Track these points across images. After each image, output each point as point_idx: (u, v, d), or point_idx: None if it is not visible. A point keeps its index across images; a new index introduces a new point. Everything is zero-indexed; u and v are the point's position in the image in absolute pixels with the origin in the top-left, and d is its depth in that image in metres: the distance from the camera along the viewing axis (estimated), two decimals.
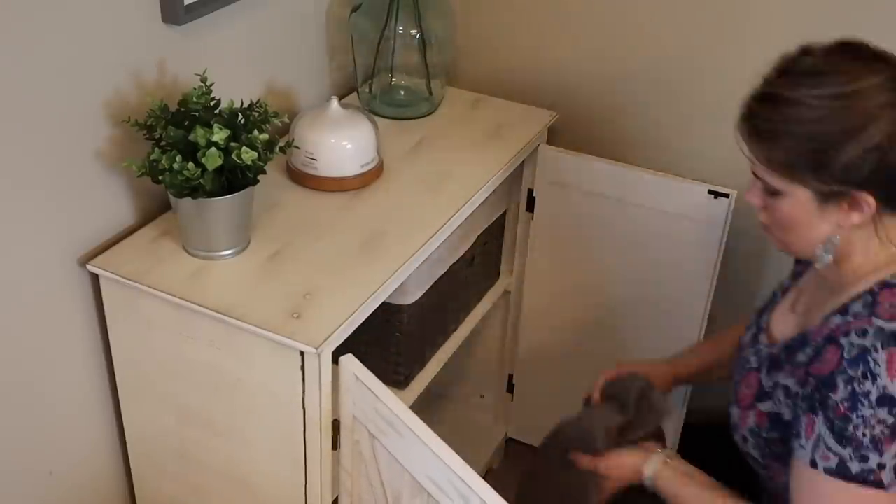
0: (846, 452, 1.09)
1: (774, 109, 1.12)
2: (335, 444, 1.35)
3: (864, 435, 1.07)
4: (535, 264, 1.92)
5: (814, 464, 1.11)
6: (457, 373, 2.16)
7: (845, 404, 1.08)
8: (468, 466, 1.09)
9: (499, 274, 1.98)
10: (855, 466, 1.08)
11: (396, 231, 1.47)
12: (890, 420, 1.06)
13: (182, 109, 1.33)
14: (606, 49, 1.85)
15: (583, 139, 1.90)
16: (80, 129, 1.33)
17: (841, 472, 1.09)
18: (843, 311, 1.16)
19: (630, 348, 1.90)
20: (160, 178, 1.29)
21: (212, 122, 1.29)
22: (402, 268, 1.40)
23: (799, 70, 1.12)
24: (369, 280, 1.36)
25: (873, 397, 1.07)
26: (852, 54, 1.11)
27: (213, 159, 1.27)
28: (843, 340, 1.11)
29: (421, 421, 1.16)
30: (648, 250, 1.79)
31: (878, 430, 1.07)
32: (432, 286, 1.64)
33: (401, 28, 1.75)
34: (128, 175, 1.41)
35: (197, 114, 1.32)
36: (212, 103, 1.34)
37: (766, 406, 1.24)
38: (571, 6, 1.84)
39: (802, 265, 1.36)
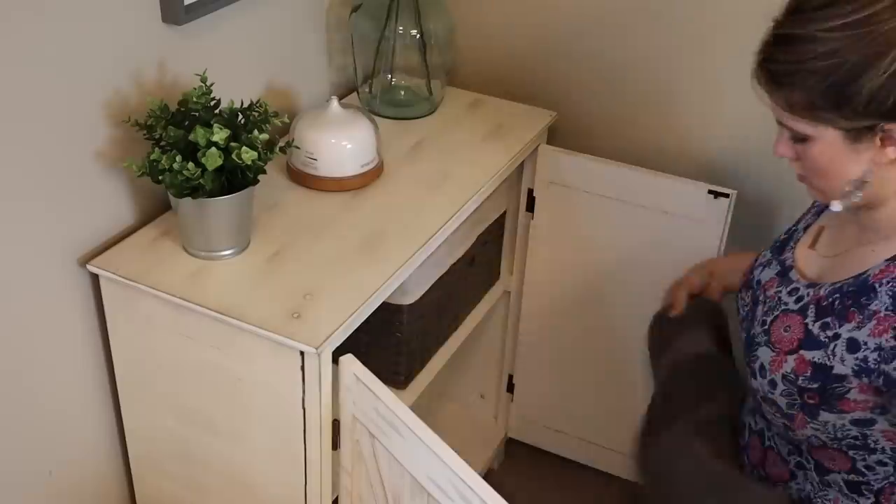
0: None
1: (788, 50, 1.07)
2: (335, 444, 1.35)
3: None
4: (535, 264, 1.92)
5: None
6: (457, 373, 2.16)
7: None
8: (469, 467, 1.09)
9: (499, 274, 1.98)
10: None
11: (396, 231, 1.47)
12: None
13: (182, 109, 1.33)
14: (606, 49, 1.85)
15: (583, 139, 1.90)
16: (80, 130, 1.33)
17: None
18: None
19: (630, 348, 1.90)
20: (160, 178, 1.29)
21: (212, 122, 1.29)
22: (402, 268, 1.40)
23: (808, 5, 1.07)
24: (369, 280, 1.36)
25: None
26: None
27: (213, 159, 1.27)
28: None
29: (421, 421, 1.16)
30: (648, 250, 1.79)
31: None
32: (432, 286, 1.64)
33: (401, 28, 1.75)
34: (128, 175, 1.41)
35: (197, 114, 1.32)
36: (212, 103, 1.34)
37: (814, 354, 1.17)
38: (571, 6, 1.84)
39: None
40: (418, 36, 1.76)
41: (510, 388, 2.11)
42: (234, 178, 1.32)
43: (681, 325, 1.49)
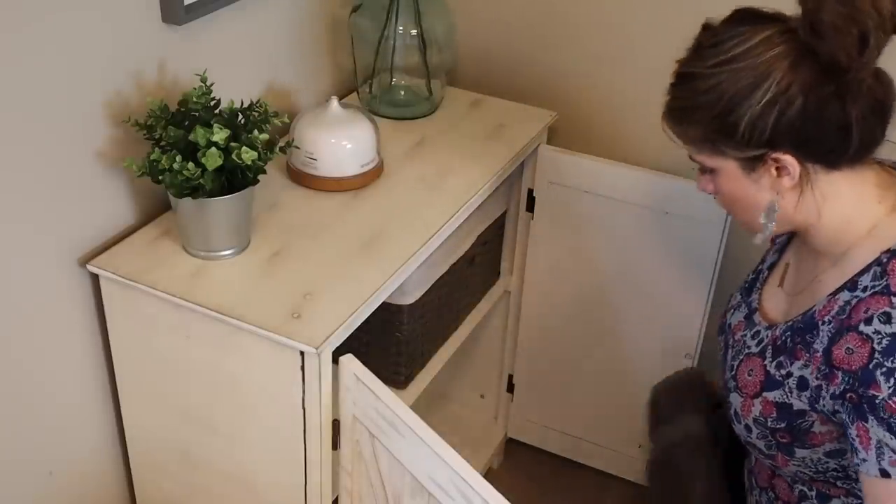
0: None
1: (682, 87, 1.16)
2: (335, 444, 1.35)
3: None
4: (535, 264, 1.92)
5: (885, 473, 1.05)
6: (457, 373, 2.16)
7: (895, 399, 1.03)
8: (469, 466, 1.09)
9: (499, 274, 1.98)
10: None
11: (396, 231, 1.47)
12: None
13: (182, 109, 1.33)
14: (606, 49, 1.85)
15: (583, 139, 1.90)
16: (81, 130, 1.33)
17: None
18: (852, 286, 1.13)
19: (630, 348, 1.90)
20: (160, 178, 1.29)
21: (212, 122, 1.29)
22: (402, 268, 1.40)
23: (701, 45, 1.15)
24: (369, 280, 1.36)
25: None
26: (745, 18, 1.13)
27: (213, 159, 1.27)
28: (867, 329, 1.07)
29: (422, 420, 1.16)
30: (648, 250, 1.79)
31: None
32: (432, 286, 1.64)
33: (401, 28, 1.74)
34: (128, 175, 1.41)
35: (197, 114, 1.32)
36: (212, 103, 1.34)
37: (774, 395, 1.20)
38: (571, 6, 1.84)
39: (785, 237, 1.34)
40: (418, 36, 1.76)
41: (510, 388, 2.11)
42: (234, 178, 1.32)
43: (675, 404, 1.51)
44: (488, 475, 2.11)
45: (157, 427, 1.48)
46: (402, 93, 1.86)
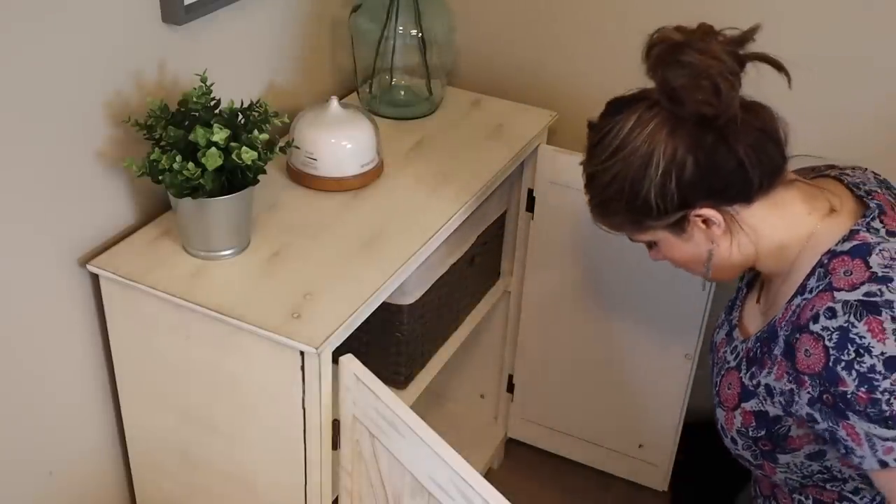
0: (893, 434, 1.05)
1: (591, 187, 1.25)
2: (335, 444, 1.35)
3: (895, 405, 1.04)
4: (535, 264, 1.92)
5: (884, 464, 1.07)
6: (457, 373, 2.16)
7: (863, 389, 1.05)
8: (469, 466, 1.09)
9: (499, 274, 1.98)
10: None
11: (396, 231, 1.47)
12: None
13: (182, 109, 1.33)
14: (606, 49, 1.85)
15: (583, 139, 1.90)
16: (81, 130, 1.33)
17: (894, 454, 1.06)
18: (802, 290, 1.17)
19: (630, 348, 1.90)
20: (160, 178, 1.29)
21: (212, 122, 1.29)
22: (402, 268, 1.40)
23: (591, 145, 1.24)
24: (369, 280, 1.36)
25: (879, 367, 1.05)
26: (615, 108, 1.21)
27: (213, 159, 1.27)
28: (816, 328, 1.10)
29: (422, 420, 1.16)
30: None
31: None
32: (432, 286, 1.64)
33: (401, 28, 1.74)
34: (128, 175, 1.41)
35: (197, 114, 1.32)
36: (212, 103, 1.34)
37: (751, 405, 1.24)
38: (572, 6, 1.84)
39: None
40: (418, 36, 1.76)
41: (510, 388, 2.11)
42: (234, 178, 1.32)
43: None
44: (488, 475, 2.11)
45: (157, 427, 1.48)
46: (402, 93, 1.86)
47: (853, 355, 1.06)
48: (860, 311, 1.07)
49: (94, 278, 1.40)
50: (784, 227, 1.20)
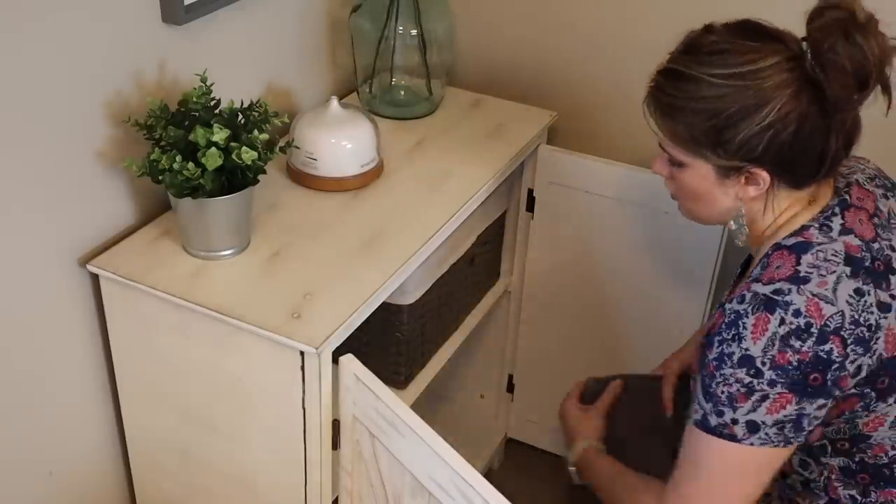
0: (708, 407, 1.15)
1: (677, 85, 1.16)
2: (335, 444, 1.35)
3: (722, 392, 1.13)
4: (535, 264, 1.92)
5: (696, 423, 1.18)
6: (457, 373, 2.16)
7: (714, 363, 1.14)
8: (470, 466, 1.09)
9: (499, 274, 1.98)
10: (713, 420, 1.15)
11: (396, 231, 1.47)
12: (746, 380, 1.11)
13: (182, 109, 1.33)
14: (606, 49, 1.85)
15: (583, 139, 1.90)
16: (81, 130, 1.33)
17: (703, 424, 1.16)
18: (749, 276, 1.20)
19: (630, 349, 1.90)
20: (160, 178, 1.29)
21: (212, 122, 1.29)
22: (402, 268, 1.40)
23: (701, 47, 1.16)
24: (369, 280, 1.36)
25: (735, 358, 1.12)
26: (753, 32, 1.15)
27: (213, 159, 1.27)
28: (728, 306, 1.15)
29: (422, 420, 1.16)
30: (648, 250, 1.79)
31: (735, 388, 1.12)
32: (432, 286, 1.64)
33: (401, 28, 1.75)
34: (128, 175, 1.41)
35: (197, 114, 1.32)
36: (212, 103, 1.34)
37: None
38: (571, 6, 1.84)
39: (746, 257, 1.39)
40: (418, 36, 1.76)
41: (510, 388, 2.11)
42: (234, 178, 1.32)
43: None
44: (488, 475, 2.11)
45: (157, 427, 1.48)
46: (402, 93, 1.86)
47: (728, 337, 1.13)
48: (758, 306, 1.12)
49: (94, 278, 1.40)
50: (781, 210, 1.21)
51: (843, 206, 1.20)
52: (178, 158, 1.27)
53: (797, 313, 1.10)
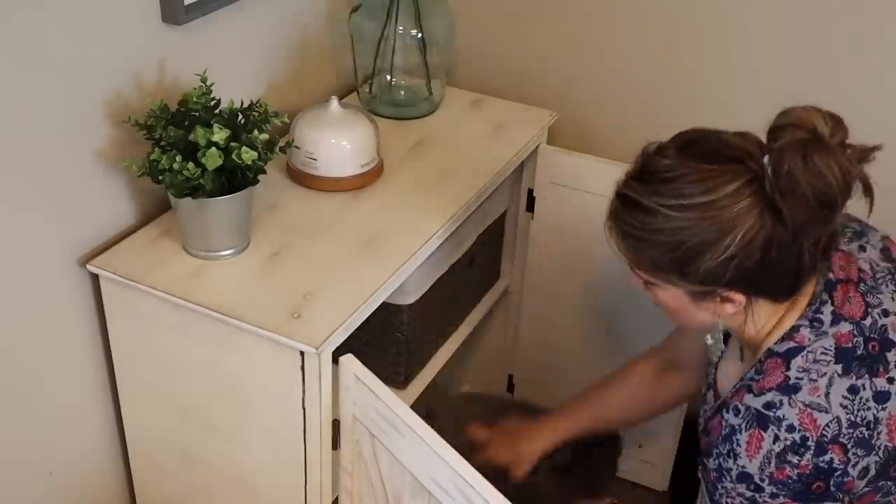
0: None
1: (634, 216, 1.11)
2: (335, 444, 1.35)
3: (726, 502, 1.14)
4: (535, 264, 1.92)
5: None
6: (457, 373, 2.16)
7: (714, 474, 1.14)
8: (470, 465, 1.09)
9: (499, 274, 1.98)
10: None
11: (396, 231, 1.47)
12: (748, 493, 1.11)
13: (182, 109, 1.33)
14: (606, 49, 1.85)
15: (583, 139, 1.90)
16: (81, 130, 1.33)
17: None
18: (743, 378, 1.18)
19: (630, 348, 1.90)
20: (160, 178, 1.29)
21: (212, 122, 1.29)
22: (402, 268, 1.40)
23: (655, 173, 1.09)
24: (369, 280, 1.36)
25: (734, 474, 1.11)
26: (705, 153, 1.07)
27: (213, 159, 1.27)
28: (726, 415, 1.14)
29: (422, 420, 1.16)
30: None
31: (737, 500, 1.13)
32: (432, 286, 1.64)
33: (401, 28, 1.74)
34: (128, 175, 1.41)
35: (197, 114, 1.32)
36: (212, 103, 1.34)
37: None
38: (571, 6, 1.84)
39: None
40: (418, 36, 1.76)
41: (510, 388, 2.11)
42: (234, 178, 1.32)
43: None
44: None
45: (157, 427, 1.48)
46: (402, 93, 1.86)
47: (724, 452, 1.12)
48: (751, 422, 1.11)
49: (94, 278, 1.40)
50: (767, 317, 1.17)
51: (830, 287, 1.15)
52: (178, 158, 1.27)
53: (791, 428, 1.08)
